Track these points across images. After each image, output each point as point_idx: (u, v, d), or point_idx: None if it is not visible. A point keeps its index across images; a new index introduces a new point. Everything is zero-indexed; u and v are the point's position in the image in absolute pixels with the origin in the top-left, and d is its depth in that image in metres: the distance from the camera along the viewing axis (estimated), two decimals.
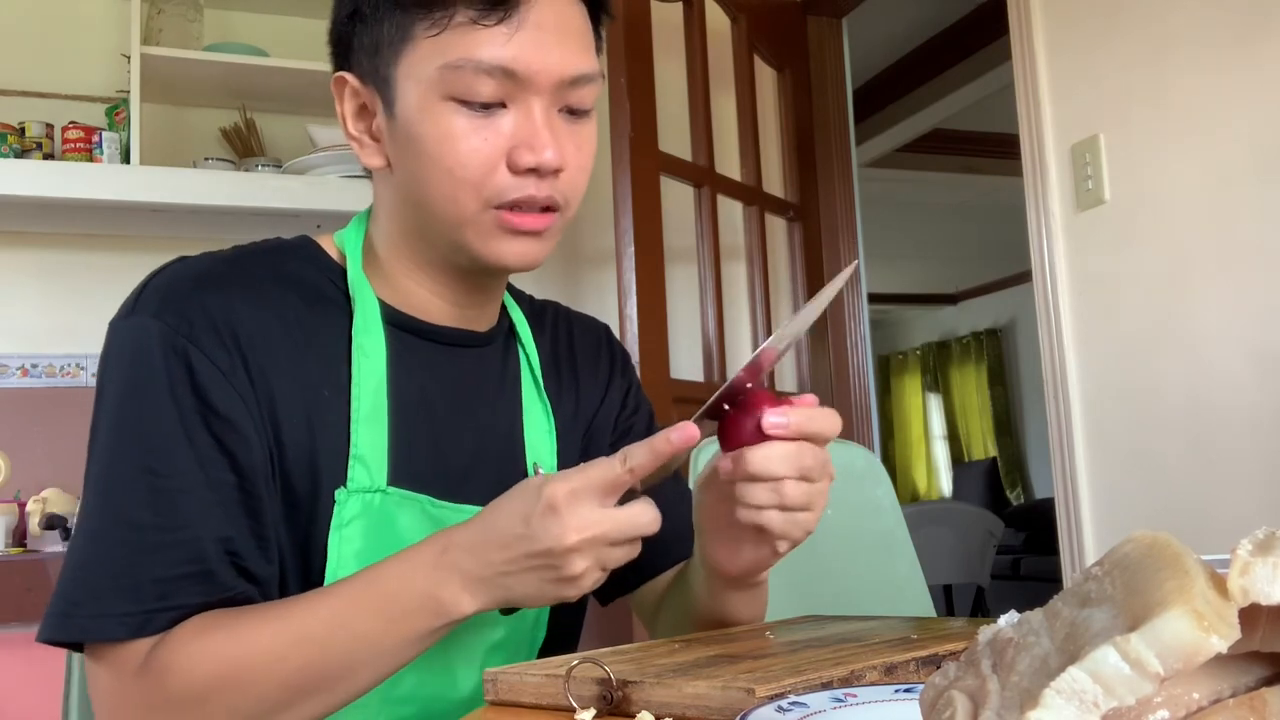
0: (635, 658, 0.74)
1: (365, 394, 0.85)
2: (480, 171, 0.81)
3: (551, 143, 0.82)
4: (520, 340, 0.99)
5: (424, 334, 0.90)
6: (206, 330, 0.79)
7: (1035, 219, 2.29)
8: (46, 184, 2.22)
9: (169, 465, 0.76)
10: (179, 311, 0.79)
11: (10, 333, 2.44)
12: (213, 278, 0.83)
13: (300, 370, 0.83)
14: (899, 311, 9.49)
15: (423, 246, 0.88)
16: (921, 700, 0.39)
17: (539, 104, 0.82)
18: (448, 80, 0.80)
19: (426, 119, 0.81)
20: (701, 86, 2.52)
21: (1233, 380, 1.92)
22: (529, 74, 0.81)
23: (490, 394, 0.95)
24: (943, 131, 5.51)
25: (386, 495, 0.84)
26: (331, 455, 0.82)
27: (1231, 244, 1.93)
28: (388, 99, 0.84)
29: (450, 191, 0.82)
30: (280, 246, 0.91)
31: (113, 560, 0.74)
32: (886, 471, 1.62)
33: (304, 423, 0.82)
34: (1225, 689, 0.35)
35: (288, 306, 0.84)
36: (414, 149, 0.83)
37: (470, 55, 0.80)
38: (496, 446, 0.94)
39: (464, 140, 0.81)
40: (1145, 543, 0.36)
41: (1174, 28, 2.03)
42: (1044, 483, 7.85)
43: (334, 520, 0.82)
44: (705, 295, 2.52)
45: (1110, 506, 2.16)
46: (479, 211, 0.82)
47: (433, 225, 0.85)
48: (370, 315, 0.87)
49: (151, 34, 2.41)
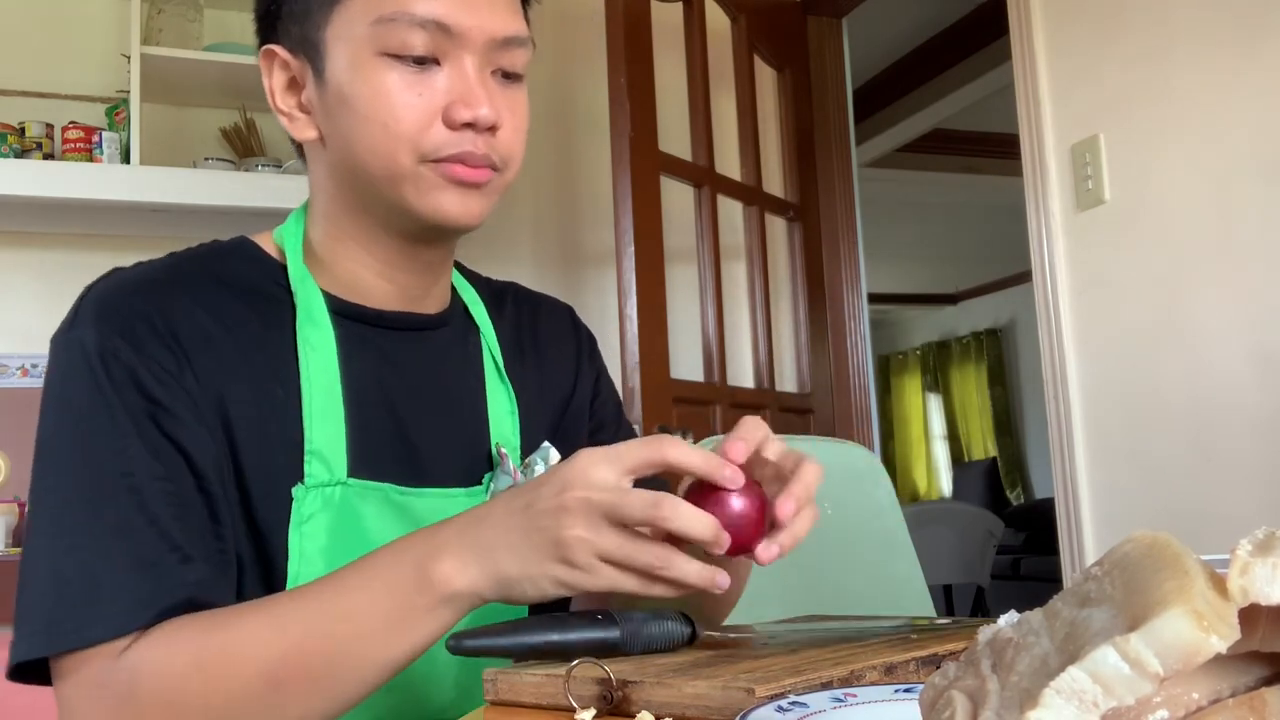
0: (635, 658, 0.74)
1: (317, 388, 0.83)
2: (416, 126, 0.81)
3: (486, 100, 0.81)
4: (478, 323, 0.98)
5: (372, 320, 0.89)
6: (148, 335, 0.78)
7: (1035, 219, 2.29)
8: (46, 184, 2.22)
9: (130, 466, 0.75)
10: (119, 319, 0.78)
11: (10, 333, 2.44)
12: (150, 284, 0.82)
13: (248, 370, 0.82)
14: (899, 311, 9.49)
15: (362, 217, 0.87)
16: (921, 700, 0.39)
17: (472, 62, 0.82)
18: (379, 35, 0.80)
19: (359, 77, 0.81)
20: (701, 86, 2.52)
21: (1233, 380, 1.92)
22: (461, 29, 0.81)
23: (448, 377, 0.93)
24: (943, 131, 5.51)
25: (347, 487, 0.83)
26: (286, 453, 0.81)
27: (1232, 244, 1.93)
28: (318, 65, 0.84)
29: (386, 148, 0.81)
30: (216, 249, 0.90)
31: (86, 564, 0.72)
32: (886, 471, 1.62)
33: (256, 423, 0.81)
34: (1225, 689, 0.35)
35: (228, 308, 0.83)
36: (347, 110, 0.82)
37: (403, 8, 0.80)
38: (458, 430, 0.92)
39: (398, 95, 0.80)
40: (1145, 543, 0.36)
41: (1174, 28, 2.03)
42: (1044, 483, 7.85)
43: (293, 518, 0.80)
44: (705, 295, 2.52)
45: (1110, 506, 2.16)
46: (415, 165, 0.81)
47: (370, 188, 0.84)
48: (315, 307, 0.86)
49: (151, 34, 2.41)
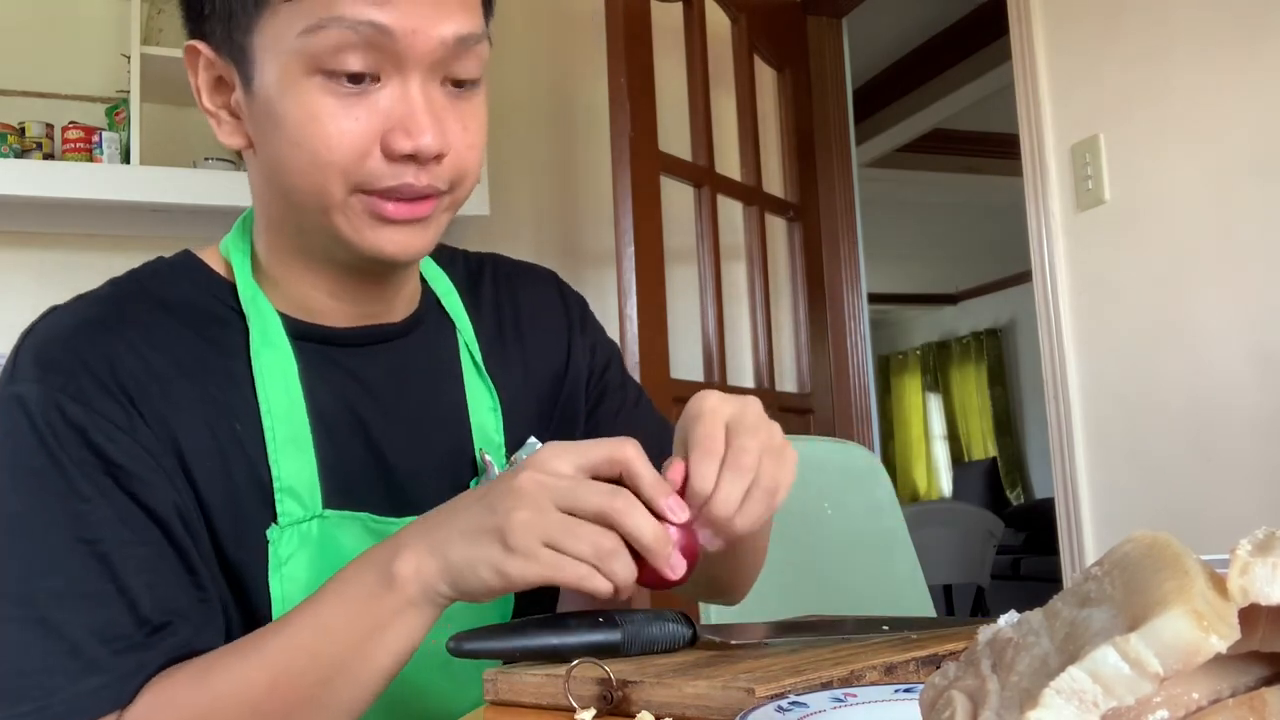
0: (635, 658, 0.74)
1: (279, 418, 0.77)
2: (350, 156, 0.71)
3: (431, 125, 0.72)
4: (452, 318, 0.90)
5: (331, 340, 0.82)
6: (93, 388, 0.71)
7: (1035, 219, 2.29)
8: (46, 184, 2.22)
9: (95, 530, 0.69)
10: (61, 371, 0.72)
11: (10, 333, 2.42)
12: (90, 326, 0.75)
13: (203, 409, 0.75)
14: (899, 311, 9.50)
15: (298, 238, 0.79)
16: (921, 700, 0.39)
17: (417, 78, 0.72)
18: (310, 49, 0.70)
19: (289, 96, 0.71)
20: (701, 86, 2.52)
21: (1233, 380, 1.92)
22: (403, 34, 0.70)
23: (421, 387, 0.86)
24: (943, 131, 5.51)
25: (324, 520, 0.78)
26: (254, 493, 0.75)
27: (1232, 244, 1.93)
28: (245, 73, 0.74)
29: (316, 178, 0.72)
30: (159, 270, 0.82)
31: (67, 638, 0.67)
32: (886, 471, 1.62)
33: (217, 462, 0.75)
34: (1225, 689, 0.35)
35: (176, 339, 0.77)
36: (275, 130, 0.73)
37: (333, 12, 0.69)
38: (438, 441, 0.86)
39: (331, 121, 0.71)
40: (1145, 543, 0.36)
41: (1174, 28, 2.03)
42: (1044, 483, 7.85)
43: (271, 561, 0.75)
44: (705, 295, 2.52)
45: (1110, 506, 2.16)
46: (345, 196, 0.73)
47: (302, 215, 0.76)
48: (270, 328, 0.79)
49: (151, 34, 2.41)
